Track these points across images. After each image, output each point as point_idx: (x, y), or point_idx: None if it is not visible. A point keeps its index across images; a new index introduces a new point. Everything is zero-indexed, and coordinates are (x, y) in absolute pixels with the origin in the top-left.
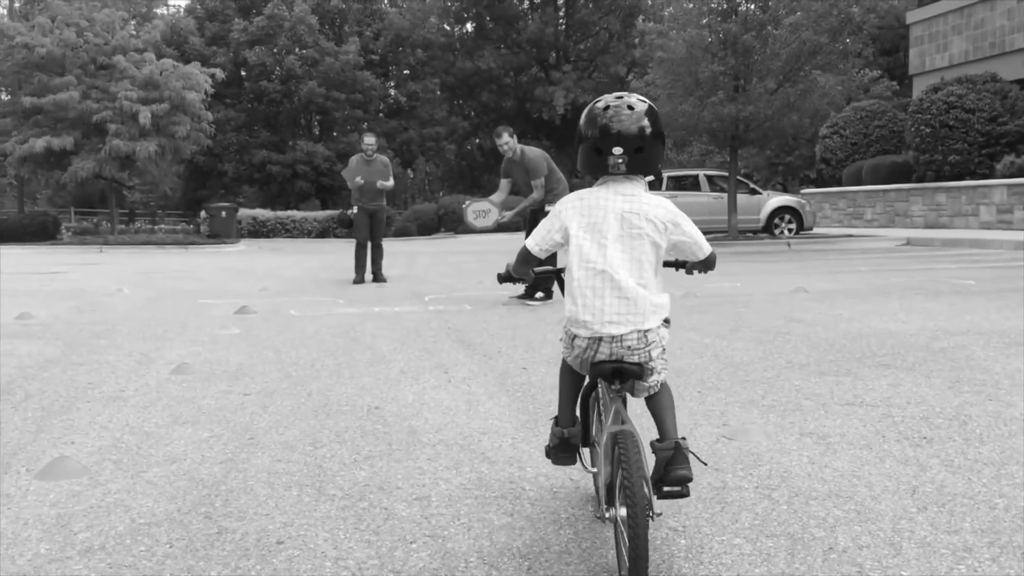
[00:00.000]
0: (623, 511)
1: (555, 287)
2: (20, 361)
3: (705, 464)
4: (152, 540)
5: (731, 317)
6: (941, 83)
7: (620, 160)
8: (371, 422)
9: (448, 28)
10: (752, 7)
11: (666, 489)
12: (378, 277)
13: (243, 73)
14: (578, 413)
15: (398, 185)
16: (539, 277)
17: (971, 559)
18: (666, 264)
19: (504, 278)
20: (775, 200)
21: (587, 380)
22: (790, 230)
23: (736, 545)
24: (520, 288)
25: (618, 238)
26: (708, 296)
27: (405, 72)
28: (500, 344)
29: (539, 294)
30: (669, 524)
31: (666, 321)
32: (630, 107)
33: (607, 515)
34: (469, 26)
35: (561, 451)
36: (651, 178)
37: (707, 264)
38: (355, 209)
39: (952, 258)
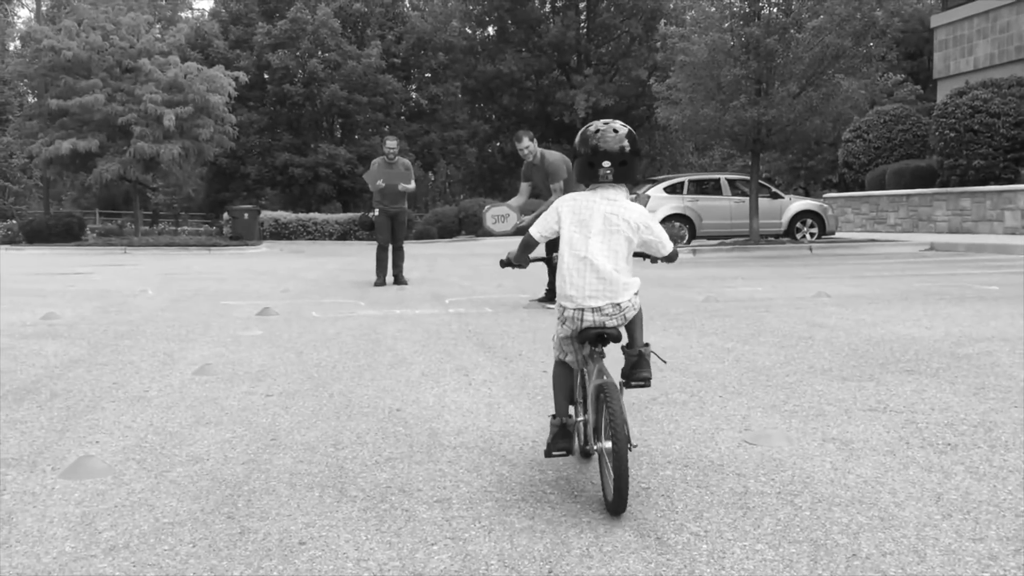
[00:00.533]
0: (608, 444)
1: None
2: (46, 361)
3: (665, 362)
4: (176, 539)
5: (753, 322)
6: (966, 87)
7: (608, 171)
8: (392, 424)
9: (470, 31)
10: (775, 11)
11: (632, 383)
12: (399, 279)
13: (266, 76)
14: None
15: (419, 188)
16: (532, 261)
17: (996, 567)
18: (635, 255)
19: (505, 263)
20: (797, 204)
21: (572, 361)
22: (812, 234)
23: (758, 551)
24: (541, 292)
25: (600, 232)
26: (729, 301)
27: (427, 75)
28: (520, 347)
29: None
30: (691, 529)
31: (635, 294)
32: (615, 130)
33: (595, 448)
34: (491, 30)
35: (560, 438)
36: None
37: (670, 259)
38: (376, 212)
39: (976, 263)
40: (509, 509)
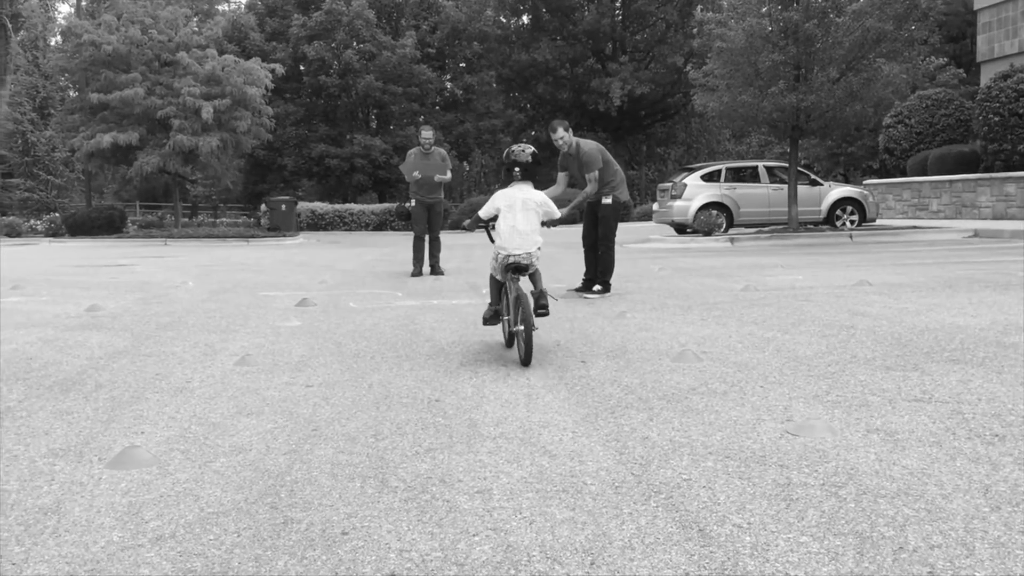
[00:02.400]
0: (521, 327)
1: (610, 284)
2: (91, 352)
3: (556, 299)
4: (220, 529)
5: (793, 311)
6: (1011, 70)
7: (518, 173)
8: (431, 414)
9: (504, 20)
10: None
11: (538, 311)
12: (436, 270)
13: (302, 68)
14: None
15: (454, 178)
16: (480, 226)
17: None
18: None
19: (461, 227)
20: (837, 191)
21: (500, 279)
22: (852, 222)
23: (803, 543)
24: (577, 282)
25: (521, 211)
26: (769, 290)
27: (461, 65)
28: (558, 337)
29: (597, 287)
30: (733, 521)
31: (538, 248)
32: (523, 149)
33: (513, 329)
34: (525, 18)
35: (495, 316)
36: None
37: (560, 221)
38: (413, 202)
39: (1022, 250)
40: (550, 500)
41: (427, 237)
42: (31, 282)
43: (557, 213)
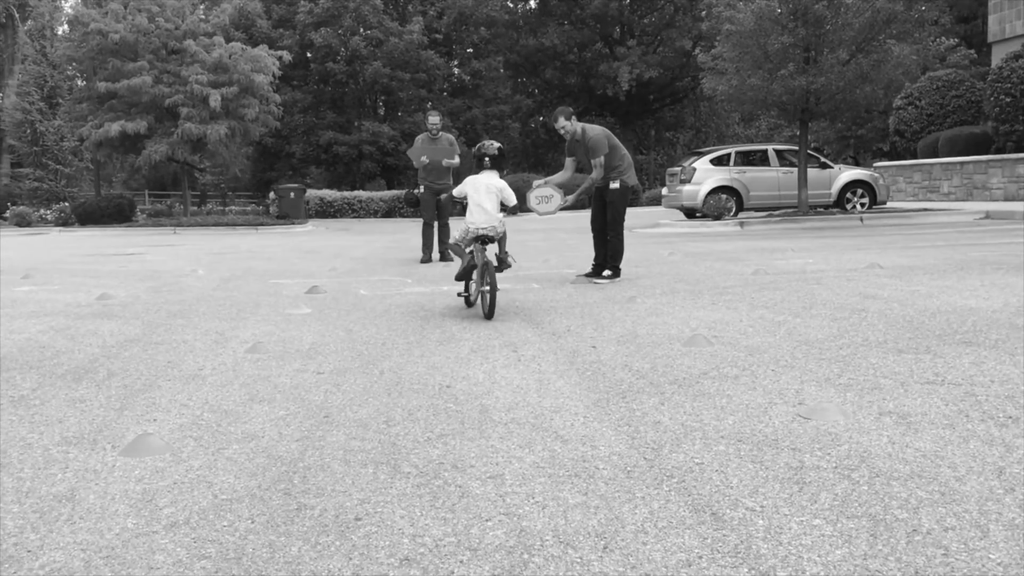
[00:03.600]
0: (486, 287)
1: (620, 269)
2: (102, 340)
3: (515, 261)
4: (234, 516)
5: (804, 294)
6: (1022, 50)
7: (487, 162)
8: (443, 400)
9: (511, 5)
10: None
11: (498, 269)
12: (445, 256)
13: (309, 55)
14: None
15: (463, 163)
16: (456, 203)
17: None
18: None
19: (438, 199)
20: (847, 174)
21: (467, 254)
22: (863, 205)
23: (816, 526)
24: (588, 267)
25: (484, 193)
26: (779, 273)
27: (469, 51)
28: (568, 322)
29: (607, 272)
30: (746, 504)
31: (501, 222)
32: (491, 143)
33: (481, 289)
34: (532, 3)
35: (466, 273)
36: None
37: (512, 209)
38: (422, 188)
39: None
40: (562, 485)
41: (436, 223)
42: (42, 271)
43: (513, 200)
